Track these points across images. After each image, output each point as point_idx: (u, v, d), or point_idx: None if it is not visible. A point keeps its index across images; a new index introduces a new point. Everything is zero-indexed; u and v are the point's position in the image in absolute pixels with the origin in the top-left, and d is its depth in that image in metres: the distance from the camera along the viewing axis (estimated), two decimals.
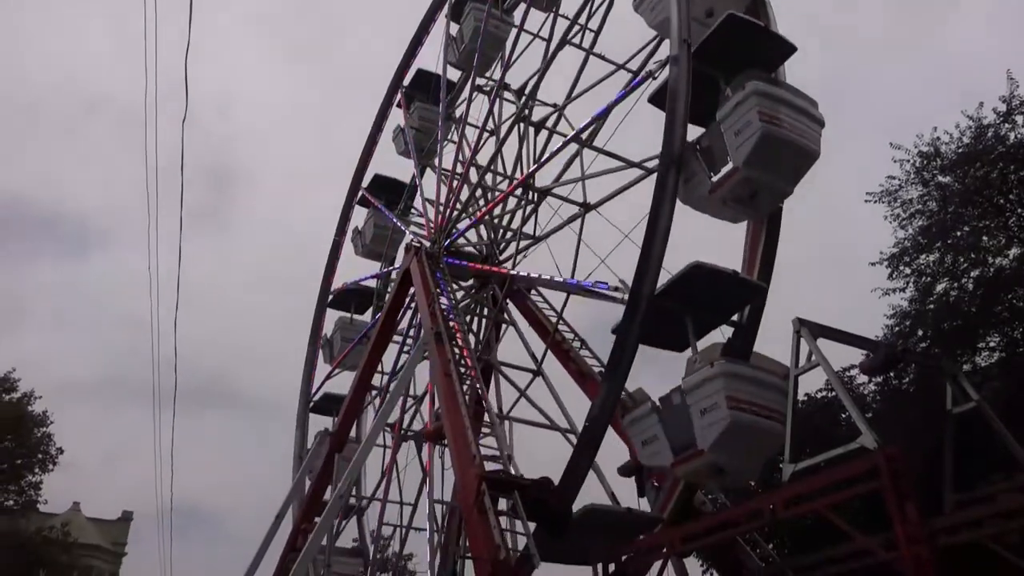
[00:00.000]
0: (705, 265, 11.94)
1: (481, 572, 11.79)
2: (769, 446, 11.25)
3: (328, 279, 31.07)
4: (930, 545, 8.04)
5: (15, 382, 30.86)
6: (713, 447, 10.91)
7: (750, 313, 13.64)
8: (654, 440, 11.93)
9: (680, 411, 11.47)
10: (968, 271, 19.32)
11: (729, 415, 10.71)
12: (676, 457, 11.52)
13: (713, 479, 12.23)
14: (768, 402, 11.01)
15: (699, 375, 11.30)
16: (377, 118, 31.02)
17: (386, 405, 18.98)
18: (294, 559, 17.84)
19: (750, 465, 11.97)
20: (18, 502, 29.80)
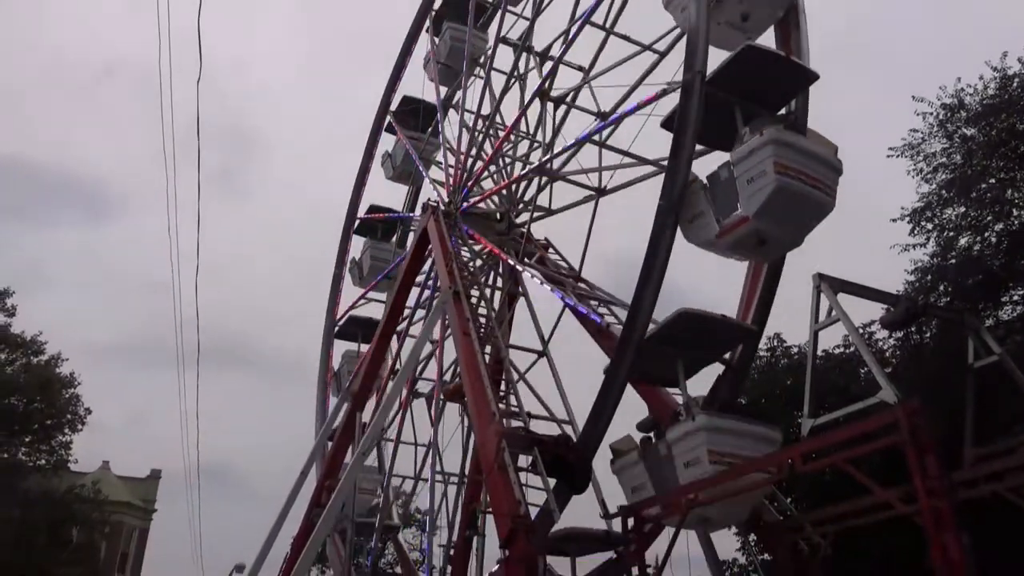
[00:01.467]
0: (691, 311, 11.97)
1: (502, 527, 11.99)
2: (813, 216, 11.24)
3: (355, 204, 31.11)
4: (949, 498, 8.07)
5: (42, 345, 31.43)
6: (758, 213, 10.99)
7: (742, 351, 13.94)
8: (700, 216, 12.04)
9: (727, 184, 11.54)
10: (992, 224, 19.06)
11: (775, 180, 10.75)
12: (721, 227, 11.65)
13: (756, 250, 12.25)
14: (816, 173, 10.99)
15: (748, 145, 11.31)
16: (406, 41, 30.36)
17: (405, 366, 19.14)
18: (319, 514, 18.22)
19: (793, 235, 11.98)
20: (49, 461, 30.53)
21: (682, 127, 12.80)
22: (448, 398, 21.29)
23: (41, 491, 28.87)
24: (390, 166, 29.50)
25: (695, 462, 11.11)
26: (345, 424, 23.25)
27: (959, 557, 7.66)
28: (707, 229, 12.30)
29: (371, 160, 31.17)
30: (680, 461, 11.33)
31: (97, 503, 31.98)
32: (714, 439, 11.13)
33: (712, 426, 11.25)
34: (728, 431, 11.34)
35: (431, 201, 22.44)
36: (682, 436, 11.49)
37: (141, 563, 42.57)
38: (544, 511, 12.63)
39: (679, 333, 12.21)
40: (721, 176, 12.25)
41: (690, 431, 11.31)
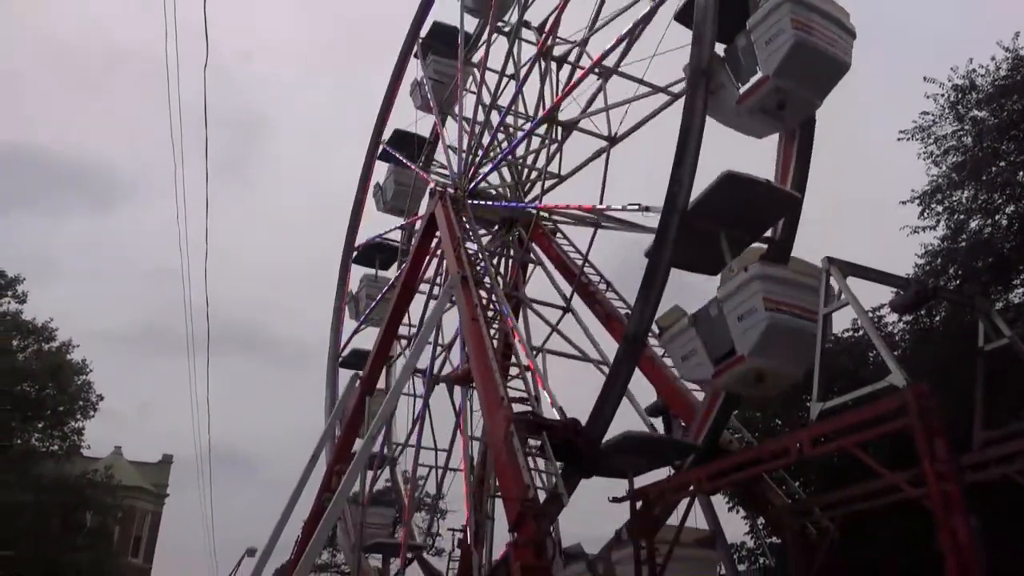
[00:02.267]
0: (738, 175, 11.61)
1: (511, 511, 12.06)
2: (810, 347, 11.18)
3: (352, 235, 31.12)
4: (958, 482, 8.06)
5: (53, 332, 31.65)
6: (753, 351, 10.86)
7: (784, 227, 13.36)
8: (693, 354, 11.88)
9: (718, 321, 11.39)
10: (1003, 207, 18.91)
11: (767, 316, 10.64)
12: (716, 367, 11.49)
13: (755, 386, 12.06)
14: (807, 303, 10.87)
15: (735, 281, 11.21)
16: (395, 71, 30.71)
17: (414, 350, 19.20)
18: (329, 499, 18.35)
19: (791, 368, 11.81)
20: (62, 447, 30.82)
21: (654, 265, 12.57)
22: (457, 383, 21.38)
23: (54, 476, 29.18)
24: (380, 199, 29.44)
25: (749, 313, 10.81)
26: (355, 408, 23.39)
27: (968, 540, 7.66)
28: (728, 99, 12.54)
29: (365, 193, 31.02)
30: (733, 315, 11.03)
31: (110, 488, 32.31)
32: (769, 286, 10.85)
33: (767, 274, 10.97)
34: (784, 280, 11.08)
35: (438, 186, 22.44)
36: (735, 289, 11.14)
37: (154, 547, 43.03)
38: (552, 495, 12.70)
39: (723, 202, 11.87)
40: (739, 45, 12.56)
41: (744, 281, 11.00)
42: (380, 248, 29.33)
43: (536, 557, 11.27)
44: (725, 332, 11.21)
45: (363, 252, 29.82)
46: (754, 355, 10.91)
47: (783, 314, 10.77)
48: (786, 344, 10.99)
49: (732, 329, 11.08)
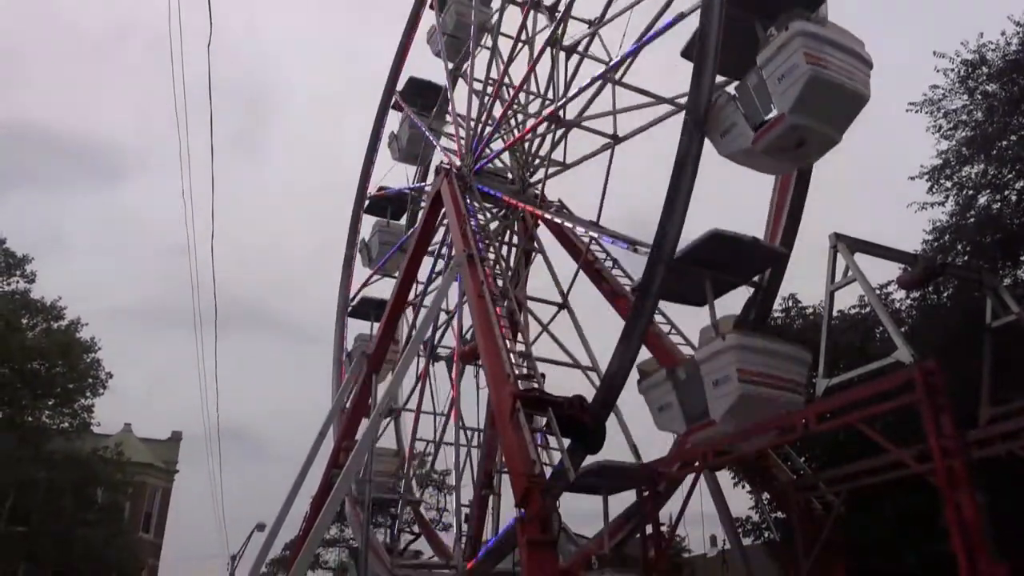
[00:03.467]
0: (724, 233, 11.90)
1: (517, 486, 12.15)
2: (851, 109, 11.33)
3: (364, 184, 31.27)
4: (964, 457, 8.08)
5: (62, 310, 31.78)
6: (724, 418, 11.17)
7: (771, 275, 13.69)
8: (669, 407, 12.28)
9: (694, 381, 11.72)
10: (1012, 182, 18.74)
11: (740, 388, 10.91)
12: (689, 426, 11.85)
13: (793, 152, 12.27)
14: (781, 372, 11.19)
15: (711, 347, 11.52)
16: (411, 17, 30.54)
17: (420, 328, 19.27)
18: (337, 475, 18.52)
19: (831, 132, 11.98)
20: (73, 424, 31.06)
21: (705, 35, 12.58)
22: (464, 360, 21.46)
23: (65, 453, 29.45)
24: (396, 147, 29.46)
25: (724, 380, 11.10)
26: (362, 386, 23.53)
27: (973, 516, 7.70)
28: (741, 139, 12.20)
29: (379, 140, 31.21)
30: (709, 380, 11.33)
31: (120, 464, 32.59)
32: (745, 357, 11.08)
33: (742, 344, 11.22)
34: (759, 350, 11.32)
35: (443, 164, 22.38)
36: (711, 355, 11.42)
37: (165, 523, 43.44)
38: (558, 470, 12.78)
39: (709, 254, 12.15)
40: (750, 82, 12.16)
41: (720, 350, 11.27)
42: (391, 199, 29.43)
43: (542, 531, 11.37)
44: (700, 392, 11.53)
45: (375, 202, 29.89)
46: (725, 421, 11.20)
47: (756, 385, 11.02)
48: (757, 412, 11.22)
49: (707, 392, 11.38)
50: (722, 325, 11.98)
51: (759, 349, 11.38)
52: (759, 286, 13.87)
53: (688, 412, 11.86)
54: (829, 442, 18.81)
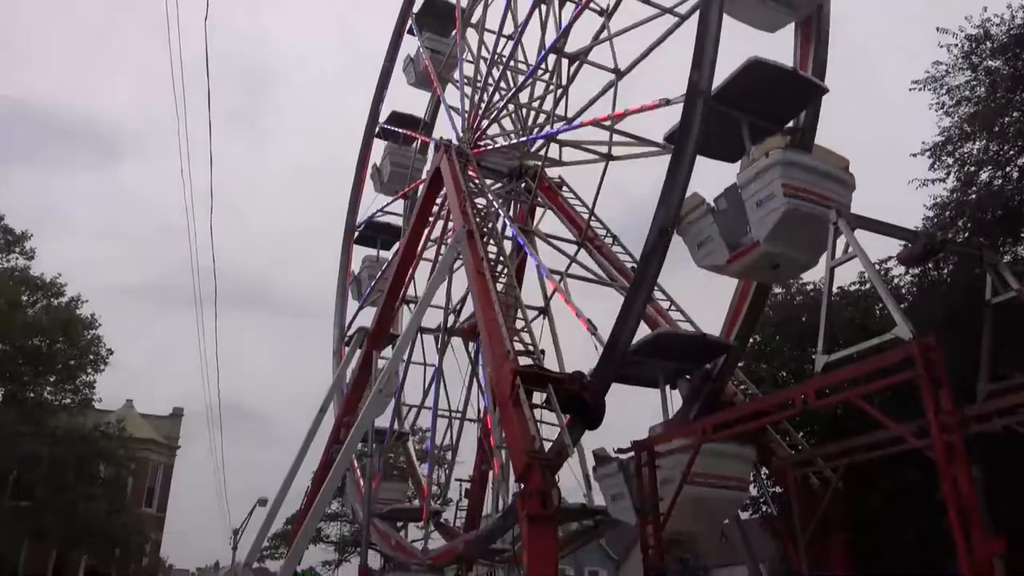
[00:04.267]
0: (764, 60, 11.52)
1: (518, 462, 12.22)
2: (827, 237, 11.17)
3: (376, 107, 31.31)
4: (962, 433, 8.12)
5: (62, 287, 31.81)
6: (769, 237, 10.83)
7: (807, 117, 13.21)
8: (709, 240, 11.92)
9: (735, 207, 11.34)
10: (1014, 158, 18.67)
11: (785, 202, 10.55)
12: (731, 254, 11.51)
13: (768, 274, 12.14)
14: (828, 192, 10.76)
15: (754, 167, 11.10)
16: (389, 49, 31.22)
17: (420, 305, 19.27)
18: (338, 450, 18.66)
19: (806, 258, 11.85)
20: (74, 400, 31.22)
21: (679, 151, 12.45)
22: (463, 335, 21.53)
23: (67, 429, 29.62)
24: (412, 71, 29.35)
25: (769, 198, 10.77)
26: (362, 363, 23.62)
27: (969, 490, 7.75)
28: (717, 254, 11.96)
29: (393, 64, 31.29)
30: (752, 201, 10.99)
31: (122, 440, 32.79)
32: (789, 172, 10.75)
33: (788, 160, 10.87)
34: (805, 167, 10.96)
35: (443, 139, 22.27)
36: (754, 175, 11.06)
37: (167, 498, 43.81)
38: (558, 446, 12.85)
39: (746, 89, 11.85)
40: (728, 199, 11.88)
41: (764, 167, 10.91)
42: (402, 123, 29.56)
43: (542, 506, 11.46)
44: (742, 218, 11.14)
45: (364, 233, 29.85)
46: (770, 241, 10.88)
47: (803, 200, 10.64)
48: (804, 232, 10.87)
49: (749, 214, 11.01)
50: (766, 145, 11.45)
51: (804, 166, 10.98)
52: (795, 129, 13.17)
53: (729, 240, 11.49)
54: (828, 418, 18.93)
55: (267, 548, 48.00)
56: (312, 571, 42.88)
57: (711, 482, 11.17)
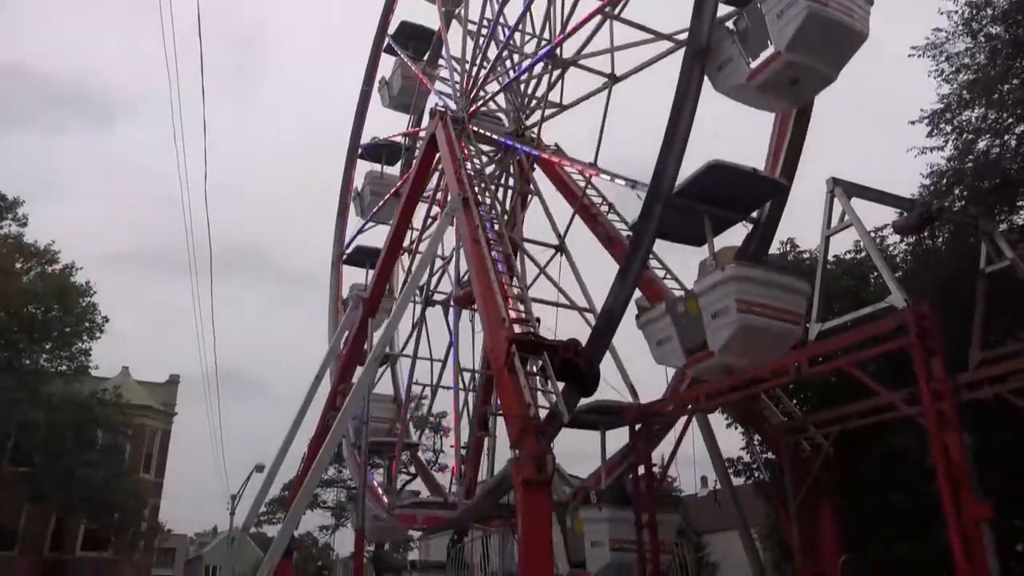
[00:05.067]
0: (724, 164, 11.81)
1: (513, 428, 12.32)
2: (848, 47, 11.21)
3: (357, 131, 30.99)
4: (953, 400, 8.19)
5: (56, 254, 31.69)
6: (723, 349, 11.20)
7: (770, 209, 13.54)
8: (668, 340, 12.26)
9: (756, 22, 11.52)
10: (1012, 127, 18.58)
11: (738, 319, 10.90)
12: (688, 358, 11.86)
13: (789, 90, 12.30)
14: (781, 303, 11.16)
15: (711, 279, 11.47)
16: None
17: (415, 272, 19.26)
18: (334, 417, 18.76)
19: (827, 70, 12.00)
20: (70, 367, 31.26)
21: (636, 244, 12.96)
22: (459, 304, 21.55)
23: (64, 395, 29.70)
24: (387, 95, 29.07)
25: (723, 312, 11.11)
26: (358, 330, 23.65)
27: (960, 457, 7.84)
28: (737, 74, 12.07)
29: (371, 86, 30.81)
30: (708, 312, 11.34)
31: (119, 406, 32.92)
32: (744, 288, 11.08)
33: (742, 275, 11.21)
34: (758, 281, 11.33)
35: (439, 107, 22.07)
36: (710, 287, 11.43)
37: (165, 463, 44.08)
38: (552, 413, 12.94)
39: (708, 187, 12.10)
40: (749, 17, 11.99)
41: (719, 281, 11.27)
42: (385, 146, 29.19)
43: (537, 472, 11.58)
44: (699, 324, 11.50)
45: (368, 149, 29.60)
46: (723, 352, 11.22)
47: (756, 315, 10.99)
48: (756, 343, 11.23)
49: (706, 325, 11.36)
50: (721, 257, 11.89)
51: (758, 280, 11.34)
52: (758, 221, 13.72)
53: (687, 345, 11.85)
54: (821, 386, 19.05)
55: (265, 513, 48.62)
56: None
57: (767, 313, 11.12)
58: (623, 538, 12.33)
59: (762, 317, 11.06)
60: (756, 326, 11.04)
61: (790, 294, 11.39)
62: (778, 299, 11.20)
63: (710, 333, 11.34)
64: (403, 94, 28.30)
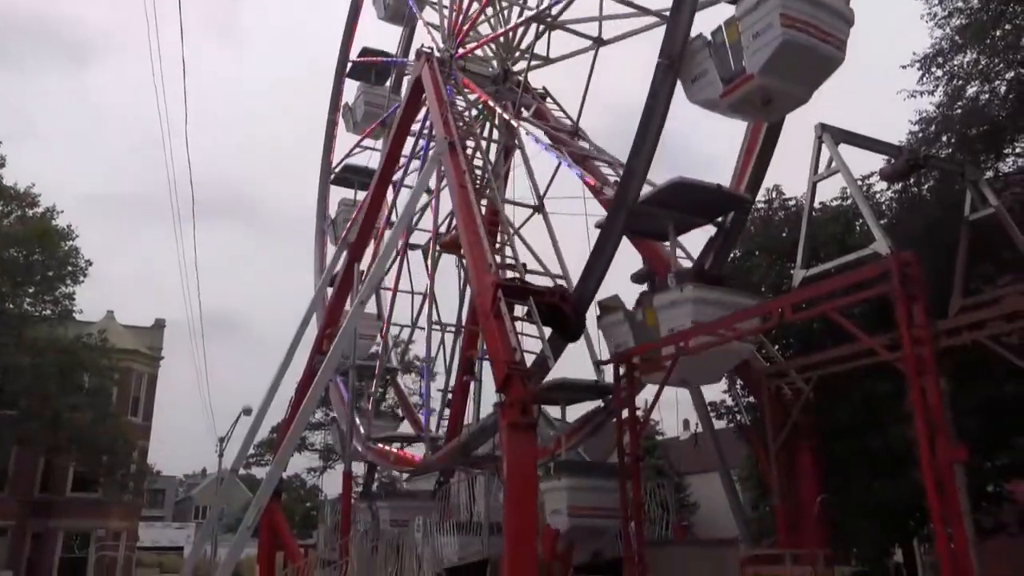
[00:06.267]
0: (687, 182, 12.00)
1: (498, 372, 12.42)
2: (822, 72, 11.08)
3: (347, 45, 30.36)
4: (932, 346, 8.30)
5: (36, 197, 31.16)
6: (763, 70, 10.84)
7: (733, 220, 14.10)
8: (704, 75, 11.92)
9: (732, 46, 11.41)
10: (1003, 73, 18.46)
11: (782, 34, 10.48)
12: (725, 87, 11.52)
13: (760, 109, 12.21)
14: (826, 25, 10.73)
15: None
16: None
17: (402, 217, 19.13)
18: (321, 361, 18.83)
19: (800, 93, 11.87)
20: (54, 311, 31.08)
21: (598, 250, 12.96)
22: (445, 249, 21.50)
23: (49, 340, 29.59)
24: (382, 4, 28.34)
25: (766, 29, 10.83)
26: (343, 273, 23.60)
27: (937, 401, 7.99)
28: (710, 88, 11.87)
29: None
30: (749, 33, 11.07)
31: (104, 350, 32.85)
32: (700, 310, 11.43)
33: (700, 298, 11.54)
34: (714, 303, 11.64)
35: (425, 48, 21.64)
36: (669, 304, 11.83)
37: (152, 407, 44.23)
38: (539, 358, 13.05)
39: (672, 200, 12.45)
40: (725, 32, 11.73)
41: (677, 300, 11.64)
42: (375, 64, 28.50)
43: (522, 415, 11.72)
44: (738, 52, 11.20)
45: (358, 66, 28.94)
46: (764, 73, 10.87)
47: (800, 32, 10.57)
48: (799, 64, 10.87)
49: (745, 46, 10.99)
50: None
51: None
52: (721, 226, 13.86)
53: (724, 74, 11.52)
54: (804, 332, 19.27)
55: (253, 455, 49.18)
56: None
57: (811, 31, 10.77)
58: (583, 505, 12.77)
59: (806, 34, 10.62)
60: (800, 43, 10.61)
61: (832, 16, 10.92)
62: (822, 19, 10.74)
63: (750, 55, 10.93)
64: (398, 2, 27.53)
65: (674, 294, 11.71)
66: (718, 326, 11.55)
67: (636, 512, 11.82)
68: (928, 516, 9.71)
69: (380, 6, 28.59)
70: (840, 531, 20.46)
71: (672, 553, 13.21)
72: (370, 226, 23.81)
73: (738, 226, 14.36)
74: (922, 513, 20.91)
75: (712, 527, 32.13)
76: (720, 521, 28.48)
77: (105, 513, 38.77)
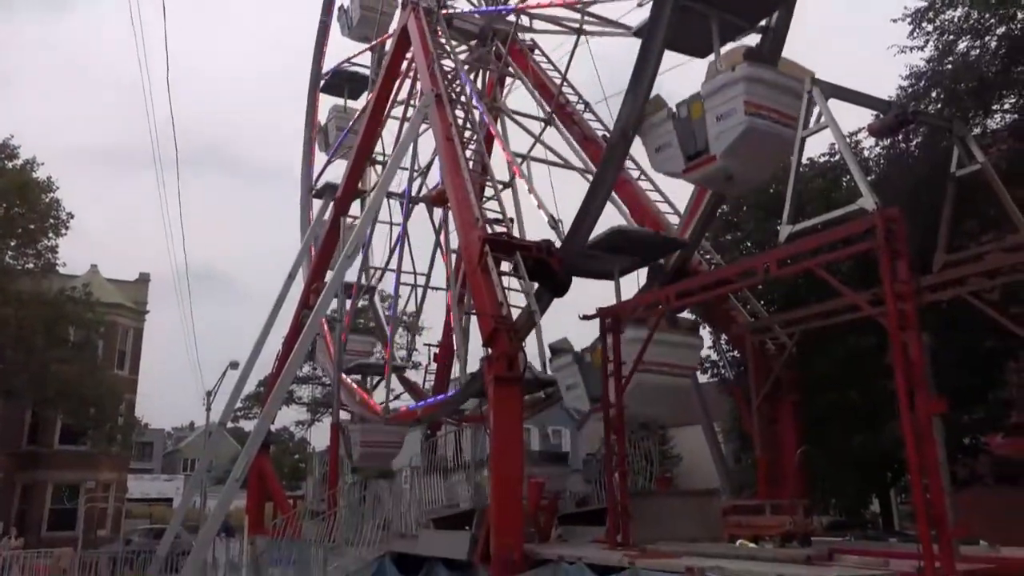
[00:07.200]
0: (624, 229, 12.32)
1: (485, 327, 12.46)
2: (783, 153, 11.14)
3: (318, 62, 29.73)
4: (915, 301, 8.36)
5: (15, 149, 30.57)
6: (726, 153, 10.86)
7: (779, 17, 13.02)
8: (668, 146, 11.91)
9: (697, 119, 11.32)
10: (994, 27, 18.35)
11: (746, 121, 10.52)
12: (688, 163, 11.52)
13: (722, 185, 12.34)
14: (784, 107, 10.74)
15: (719, 80, 10.97)
16: None
17: (387, 171, 18.94)
18: (307, 315, 18.82)
19: (760, 173, 12.24)
20: (37, 265, 30.79)
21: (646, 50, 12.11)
22: (433, 203, 21.39)
23: (32, 293, 29.37)
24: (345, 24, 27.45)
25: (729, 114, 10.79)
26: (330, 228, 23.49)
27: (918, 356, 8.07)
28: (673, 161, 11.81)
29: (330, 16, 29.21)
30: (713, 114, 11.01)
31: (89, 304, 32.67)
32: (753, 89, 10.69)
33: (753, 76, 10.76)
34: (769, 83, 10.91)
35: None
36: (719, 88, 11.00)
37: (139, 361, 44.22)
38: (525, 312, 13.08)
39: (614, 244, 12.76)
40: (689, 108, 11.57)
41: (728, 81, 10.87)
42: (348, 77, 28.01)
43: (508, 368, 11.81)
44: (702, 130, 11.13)
45: (331, 82, 28.48)
46: (726, 156, 10.89)
47: (763, 119, 10.60)
48: (761, 149, 10.94)
49: (709, 127, 10.97)
50: (731, 56, 11.42)
51: (769, 82, 10.91)
52: (766, 28, 12.83)
53: (687, 150, 11.57)
54: (789, 287, 19.43)
55: (240, 409, 49.38)
56: None
57: (775, 116, 10.86)
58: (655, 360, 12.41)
59: (769, 120, 10.68)
60: (763, 130, 10.69)
61: (797, 99, 10.79)
62: (787, 105, 10.74)
63: (713, 137, 10.95)
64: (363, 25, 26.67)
65: (724, 76, 10.96)
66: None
67: (620, 463, 11.98)
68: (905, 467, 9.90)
69: (343, 24, 27.77)
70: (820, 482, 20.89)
71: (655, 503, 13.41)
72: (355, 181, 23.61)
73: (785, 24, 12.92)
74: (900, 464, 21.48)
75: (694, 479, 32.76)
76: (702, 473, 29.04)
77: (94, 465, 39.03)
